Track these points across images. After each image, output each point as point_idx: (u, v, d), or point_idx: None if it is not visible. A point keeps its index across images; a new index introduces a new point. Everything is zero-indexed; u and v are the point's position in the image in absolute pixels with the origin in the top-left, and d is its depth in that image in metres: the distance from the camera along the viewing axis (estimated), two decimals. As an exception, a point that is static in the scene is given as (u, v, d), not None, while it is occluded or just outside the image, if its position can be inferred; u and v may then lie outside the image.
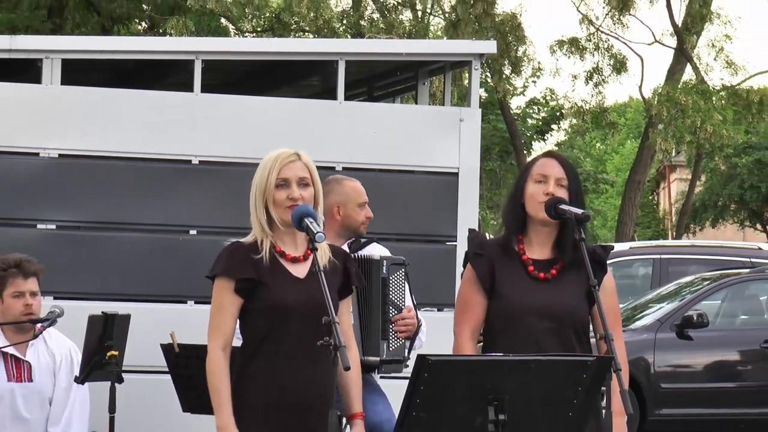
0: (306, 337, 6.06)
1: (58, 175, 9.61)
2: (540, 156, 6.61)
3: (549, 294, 6.36)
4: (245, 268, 6.14)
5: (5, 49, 9.79)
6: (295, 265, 6.21)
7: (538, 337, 6.31)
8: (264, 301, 6.13)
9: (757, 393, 17.13)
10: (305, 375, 6.12)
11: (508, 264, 6.39)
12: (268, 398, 6.15)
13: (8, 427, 8.22)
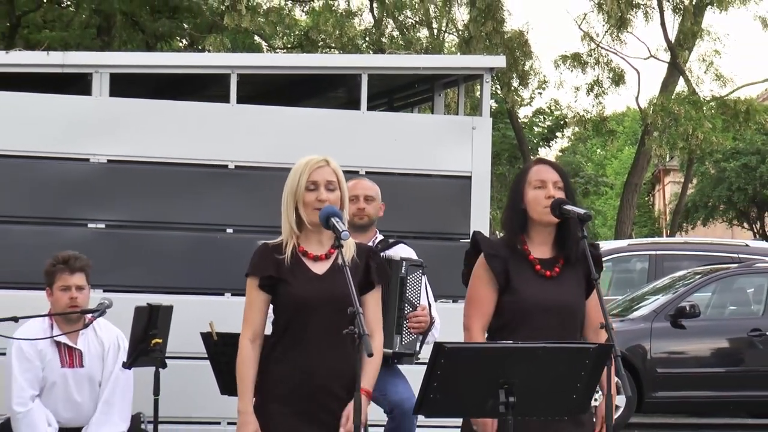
0: (324, 327, 6.10)
1: (106, 179, 9.62)
2: (533, 164, 6.60)
3: (555, 290, 6.37)
4: (268, 267, 6.19)
5: (59, 64, 9.80)
6: (316, 263, 6.23)
7: (546, 328, 6.31)
8: (285, 296, 6.18)
9: (745, 377, 17.12)
10: (324, 362, 6.14)
11: (518, 263, 6.39)
12: (289, 383, 6.18)
13: (61, 409, 8.24)
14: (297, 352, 6.17)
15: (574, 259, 6.39)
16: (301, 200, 6.20)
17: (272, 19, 31.21)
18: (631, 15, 29.78)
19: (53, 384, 8.21)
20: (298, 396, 6.16)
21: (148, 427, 8.43)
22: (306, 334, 6.16)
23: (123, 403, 8.31)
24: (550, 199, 6.33)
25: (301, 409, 6.16)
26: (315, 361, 6.15)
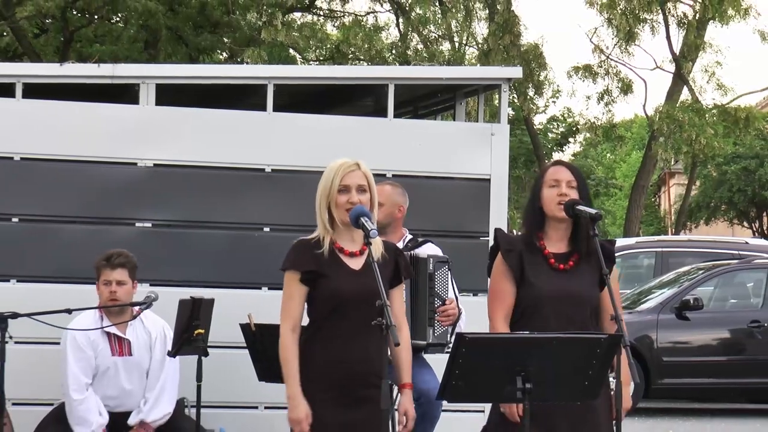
0: (360, 319, 6.11)
1: (153, 182, 9.62)
2: (550, 165, 6.65)
3: (568, 282, 6.37)
4: (308, 261, 6.19)
5: (108, 75, 9.82)
6: (352, 259, 6.24)
7: (557, 317, 6.32)
8: (325, 289, 6.18)
9: (745, 365, 17.14)
10: (359, 351, 6.15)
11: (533, 257, 6.41)
12: (329, 371, 6.17)
13: (111, 395, 8.26)
14: (336, 342, 6.19)
15: (587, 254, 6.39)
16: (334, 201, 6.22)
17: (306, 33, 31.27)
18: (639, 29, 29.72)
19: (104, 372, 8.24)
20: (338, 383, 6.17)
21: (191, 411, 8.43)
22: (344, 325, 6.18)
23: (169, 388, 8.33)
24: (562, 197, 6.35)
25: (339, 395, 6.17)
26: (353, 350, 6.16)
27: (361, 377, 6.15)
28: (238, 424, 9.47)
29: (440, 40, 31.37)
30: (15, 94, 9.55)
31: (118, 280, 8.24)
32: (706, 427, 15.84)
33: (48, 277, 9.30)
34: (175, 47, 30.64)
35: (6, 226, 9.40)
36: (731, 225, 53.50)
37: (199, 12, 30.70)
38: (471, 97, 11.43)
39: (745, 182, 47.78)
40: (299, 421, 6.14)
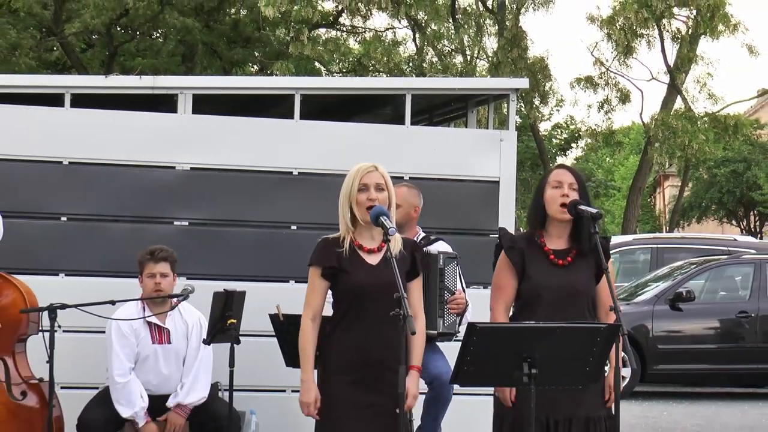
0: (378, 310, 6.13)
1: (190, 184, 9.63)
2: (554, 168, 6.69)
3: (564, 276, 6.39)
4: (330, 258, 6.22)
5: (149, 86, 9.83)
6: (370, 255, 6.27)
7: (558, 309, 6.33)
8: (345, 284, 6.21)
9: (734, 352, 17.14)
10: (377, 338, 6.17)
11: (534, 253, 6.44)
12: (349, 356, 6.20)
13: (152, 379, 8.27)
14: (356, 331, 6.21)
15: (587, 251, 6.41)
16: (355, 200, 6.25)
17: (330, 47, 31.28)
18: (636, 43, 29.68)
19: (146, 358, 8.25)
20: (357, 367, 6.19)
21: (224, 394, 8.44)
22: (364, 315, 6.20)
23: (204, 373, 8.33)
24: (564, 198, 6.38)
25: (359, 378, 6.19)
26: (371, 338, 6.18)
27: (379, 363, 6.17)
28: (267, 406, 9.48)
29: (453, 53, 31.34)
30: (64, 103, 9.57)
31: (162, 272, 8.26)
32: (698, 410, 15.80)
33: (93, 272, 9.32)
34: (210, 61, 30.70)
35: (55, 225, 9.42)
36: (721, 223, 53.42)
37: (232, 28, 30.76)
38: (482, 106, 11.42)
39: (733, 184, 47.78)
40: (308, 404, 6.21)
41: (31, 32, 30.54)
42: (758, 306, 17.26)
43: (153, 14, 28.70)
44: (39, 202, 9.36)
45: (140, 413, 8.14)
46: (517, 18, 30.50)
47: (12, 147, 9.32)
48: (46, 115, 9.55)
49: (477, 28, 31.34)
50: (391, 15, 29.80)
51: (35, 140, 9.40)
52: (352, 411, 6.17)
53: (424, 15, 29.74)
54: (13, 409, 7.79)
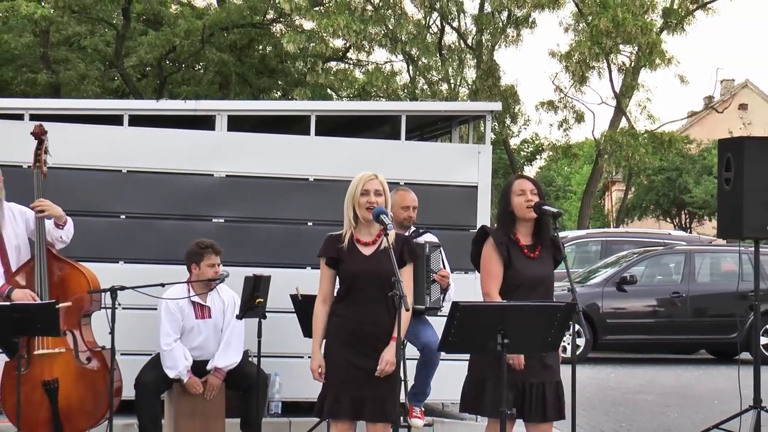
0: (372, 291, 6.17)
1: (225, 188, 9.63)
2: (515, 178, 6.72)
3: (537, 266, 6.43)
4: (332, 250, 6.28)
5: (192, 109, 9.84)
6: (365, 247, 6.30)
7: (531, 291, 6.35)
8: (344, 271, 6.24)
9: (668, 325, 17.23)
10: (372, 316, 6.20)
11: (514, 248, 6.43)
12: (348, 329, 6.22)
13: (195, 347, 8.28)
14: (353, 309, 6.23)
15: (548, 245, 6.43)
16: (357, 202, 6.27)
17: (339, 77, 31.28)
18: (589, 74, 29.61)
19: (190, 330, 8.24)
20: (354, 338, 6.21)
21: (253, 359, 8.43)
22: (360, 296, 6.21)
23: (237, 342, 8.33)
24: (528, 202, 6.40)
25: (354, 347, 6.20)
26: (365, 315, 6.20)
27: (373, 335, 6.18)
28: (288, 369, 9.48)
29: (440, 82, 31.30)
30: (123, 123, 9.58)
31: (218, 262, 8.28)
32: (640, 372, 15.83)
33: (147, 260, 9.32)
34: (242, 88, 30.70)
35: (116, 222, 9.42)
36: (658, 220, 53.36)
37: (259, 61, 30.77)
38: (463, 125, 11.42)
39: (668, 188, 47.87)
40: (314, 370, 6.27)
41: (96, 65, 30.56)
42: (688, 288, 17.33)
43: (195, 50, 28.70)
44: (102, 203, 9.37)
45: (183, 371, 8.13)
46: (492, 53, 30.48)
47: (81, 158, 9.33)
48: (108, 132, 9.55)
49: (459, 62, 31.30)
50: (390, 51, 29.82)
51: (100, 153, 9.41)
52: (349, 371, 6.18)
53: (416, 51, 29.73)
54: (80, 372, 7.78)
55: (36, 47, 28.26)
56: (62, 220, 7.84)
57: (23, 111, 9.42)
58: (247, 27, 29.02)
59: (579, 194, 53.10)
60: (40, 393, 7.65)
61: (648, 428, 10.65)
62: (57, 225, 7.84)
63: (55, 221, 7.82)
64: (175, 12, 30.35)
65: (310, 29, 27.75)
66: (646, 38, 27.15)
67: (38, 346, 7.67)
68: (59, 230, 7.85)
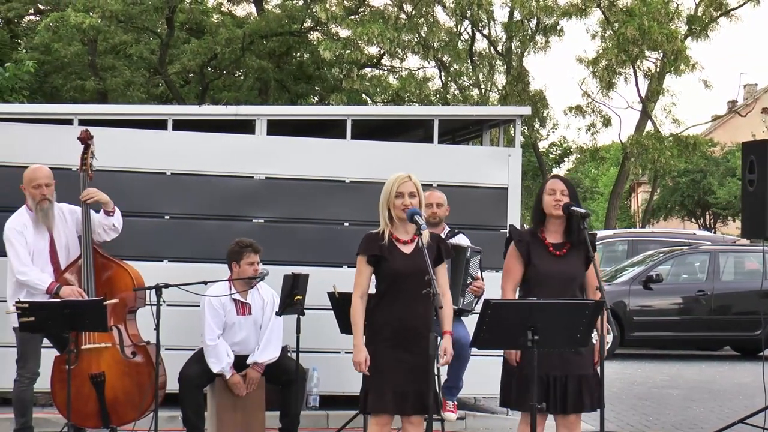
0: (411, 288, 6.14)
1: (265, 190, 9.65)
2: (549, 178, 6.72)
3: (561, 264, 6.39)
4: (373, 248, 6.23)
5: (233, 114, 9.87)
6: (404, 246, 6.27)
7: (554, 289, 6.32)
8: (385, 268, 6.22)
9: (694, 322, 17.11)
10: (411, 312, 6.17)
11: (537, 246, 6.42)
12: (389, 325, 6.19)
13: (236, 342, 8.28)
14: (394, 306, 6.21)
15: (577, 244, 6.40)
16: (392, 203, 6.26)
17: (374, 83, 31.30)
18: (615, 79, 29.44)
19: (231, 326, 8.25)
20: (396, 334, 6.19)
21: (292, 354, 8.44)
22: (400, 293, 6.19)
23: (276, 338, 8.33)
24: (557, 202, 6.38)
25: (397, 343, 6.17)
26: (406, 311, 6.17)
27: (412, 330, 6.15)
28: (326, 364, 9.49)
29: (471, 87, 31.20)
30: (167, 127, 9.62)
31: (258, 261, 8.28)
32: (665, 368, 15.73)
33: (190, 258, 9.36)
34: (281, 93, 30.75)
35: (160, 222, 9.46)
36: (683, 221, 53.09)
37: (297, 68, 30.80)
38: (493, 128, 11.40)
39: (692, 190, 47.63)
40: (360, 363, 6.19)
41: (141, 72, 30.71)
42: (713, 286, 17.23)
43: (236, 58, 28.79)
44: (148, 204, 9.41)
45: (227, 368, 8.14)
46: (521, 59, 30.37)
47: (127, 161, 9.38)
48: (153, 136, 9.60)
49: (490, 68, 31.22)
50: (422, 57, 29.78)
51: (145, 156, 9.45)
52: (392, 366, 6.15)
53: (448, 57, 29.68)
54: (125, 366, 7.82)
55: (84, 55, 28.44)
56: (110, 206, 7.93)
57: (72, 116, 9.49)
58: (285, 35, 29.06)
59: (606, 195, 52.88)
60: (88, 386, 7.70)
61: (674, 422, 10.58)
62: (107, 213, 7.92)
63: (103, 209, 7.89)
64: (216, 21, 30.47)
65: (345, 37, 27.78)
66: (671, 45, 26.99)
67: (86, 341, 7.72)
68: (110, 218, 7.92)
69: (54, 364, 7.75)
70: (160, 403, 7.80)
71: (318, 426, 9.34)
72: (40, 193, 7.76)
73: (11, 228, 7.75)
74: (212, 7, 31.99)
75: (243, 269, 8.25)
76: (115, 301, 7.74)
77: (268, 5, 31.41)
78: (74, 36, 27.29)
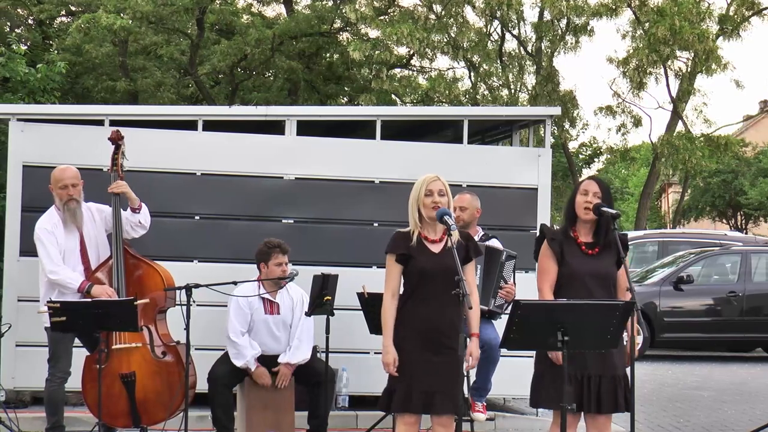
0: (439, 287, 6.12)
1: (294, 190, 9.67)
2: (584, 179, 6.70)
3: (593, 263, 6.37)
4: (402, 247, 6.22)
5: (263, 114, 9.89)
6: (433, 245, 6.26)
7: (587, 288, 6.31)
8: (414, 267, 6.20)
9: (725, 323, 17.03)
10: (440, 311, 6.16)
11: (570, 245, 6.42)
12: (417, 325, 6.18)
13: (266, 341, 8.29)
14: (422, 306, 6.19)
15: (608, 244, 6.39)
16: (422, 203, 6.26)
17: (403, 83, 31.27)
18: (646, 79, 29.29)
19: (260, 325, 8.26)
20: (424, 333, 6.16)
21: (321, 355, 8.44)
22: (429, 292, 6.18)
23: (306, 338, 8.34)
24: (588, 203, 6.37)
25: (425, 343, 6.15)
26: (434, 311, 6.16)
27: (441, 330, 6.14)
28: (355, 365, 9.49)
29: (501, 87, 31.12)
30: (197, 128, 9.65)
31: (286, 261, 8.28)
32: (696, 369, 15.64)
33: (220, 259, 9.39)
34: (310, 94, 30.78)
35: (190, 222, 9.49)
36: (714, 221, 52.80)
37: (327, 69, 30.83)
38: (523, 129, 11.36)
39: (724, 190, 47.35)
40: (389, 364, 6.17)
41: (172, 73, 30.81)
42: (744, 287, 17.14)
43: (266, 58, 28.83)
44: (177, 204, 9.45)
45: (251, 360, 8.15)
46: (551, 59, 30.27)
47: (158, 162, 9.42)
48: (183, 136, 9.63)
49: (519, 68, 31.15)
50: (452, 58, 29.75)
51: (175, 156, 9.49)
52: (420, 366, 6.14)
53: (477, 58, 29.62)
54: (155, 365, 7.85)
55: (115, 56, 28.57)
56: (136, 203, 7.96)
57: (103, 117, 9.53)
58: (314, 36, 29.09)
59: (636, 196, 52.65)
60: (119, 385, 7.73)
61: (705, 424, 10.51)
62: (133, 210, 7.95)
63: (129, 206, 7.92)
64: (246, 22, 30.52)
65: (375, 37, 27.79)
66: (702, 45, 26.82)
67: (116, 340, 7.76)
68: (136, 214, 7.95)
69: (85, 363, 7.80)
70: (190, 403, 7.82)
71: (347, 426, 9.34)
72: (66, 193, 7.80)
73: (42, 228, 7.80)
74: (242, 8, 32.06)
75: (271, 270, 8.26)
76: (145, 301, 7.78)
77: (298, 6, 31.45)
78: (105, 37, 27.42)
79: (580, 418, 6.39)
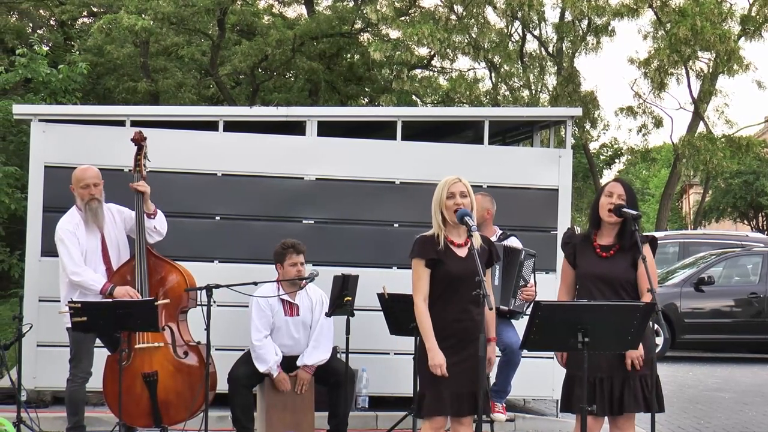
0: (466, 290, 6.10)
1: (315, 191, 9.67)
2: (610, 180, 6.72)
3: (606, 266, 6.38)
4: (431, 252, 6.22)
5: (284, 115, 9.89)
6: (459, 249, 6.25)
7: (598, 290, 6.31)
8: (442, 271, 6.19)
9: (746, 325, 17.00)
10: (465, 314, 6.16)
11: (585, 248, 6.48)
12: (443, 327, 6.16)
13: (286, 342, 8.29)
14: (450, 309, 6.19)
15: (627, 246, 6.38)
16: (444, 205, 6.25)
17: (424, 84, 31.29)
18: (667, 80, 29.20)
19: (280, 327, 8.27)
20: (452, 337, 6.15)
21: (342, 356, 8.44)
22: (454, 296, 6.18)
23: (326, 339, 8.33)
24: (610, 205, 6.38)
25: (453, 345, 6.15)
26: (461, 313, 6.16)
27: (467, 332, 6.13)
28: (375, 365, 9.48)
29: (521, 88, 31.09)
30: (218, 128, 9.66)
31: (301, 261, 8.28)
32: (717, 370, 15.57)
33: (240, 259, 9.40)
34: (331, 95, 30.81)
35: (211, 222, 9.51)
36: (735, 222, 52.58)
37: (347, 69, 30.85)
38: (544, 129, 11.34)
39: (745, 191, 47.18)
40: (439, 366, 6.09)
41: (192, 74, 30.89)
42: (766, 288, 17.11)
43: (286, 59, 28.88)
44: (198, 205, 9.46)
45: (273, 366, 8.16)
46: (572, 60, 30.21)
47: (178, 162, 9.44)
48: (204, 137, 9.65)
49: (540, 69, 31.11)
50: (473, 58, 29.72)
51: (196, 157, 9.50)
52: (449, 369, 6.11)
53: (498, 58, 29.59)
54: (177, 365, 7.87)
55: (136, 57, 28.68)
56: (151, 209, 7.97)
57: (125, 117, 9.56)
58: (335, 36, 29.11)
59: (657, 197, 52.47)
60: (140, 385, 7.75)
61: (726, 425, 10.46)
62: (148, 216, 7.96)
63: (145, 211, 7.93)
64: (267, 23, 30.58)
65: (396, 38, 27.78)
66: (724, 46, 26.70)
67: (139, 340, 7.78)
68: (151, 220, 7.96)
69: (106, 363, 7.82)
70: (210, 403, 7.83)
71: (367, 427, 9.34)
72: (88, 192, 7.82)
73: (63, 228, 7.82)
74: (263, 8, 32.12)
75: (286, 270, 8.28)
76: (166, 302, 7.79)
77: (319, 6, 31.49)
78: (127, 38, 27.53)
79: (604, 421, 6.37)
